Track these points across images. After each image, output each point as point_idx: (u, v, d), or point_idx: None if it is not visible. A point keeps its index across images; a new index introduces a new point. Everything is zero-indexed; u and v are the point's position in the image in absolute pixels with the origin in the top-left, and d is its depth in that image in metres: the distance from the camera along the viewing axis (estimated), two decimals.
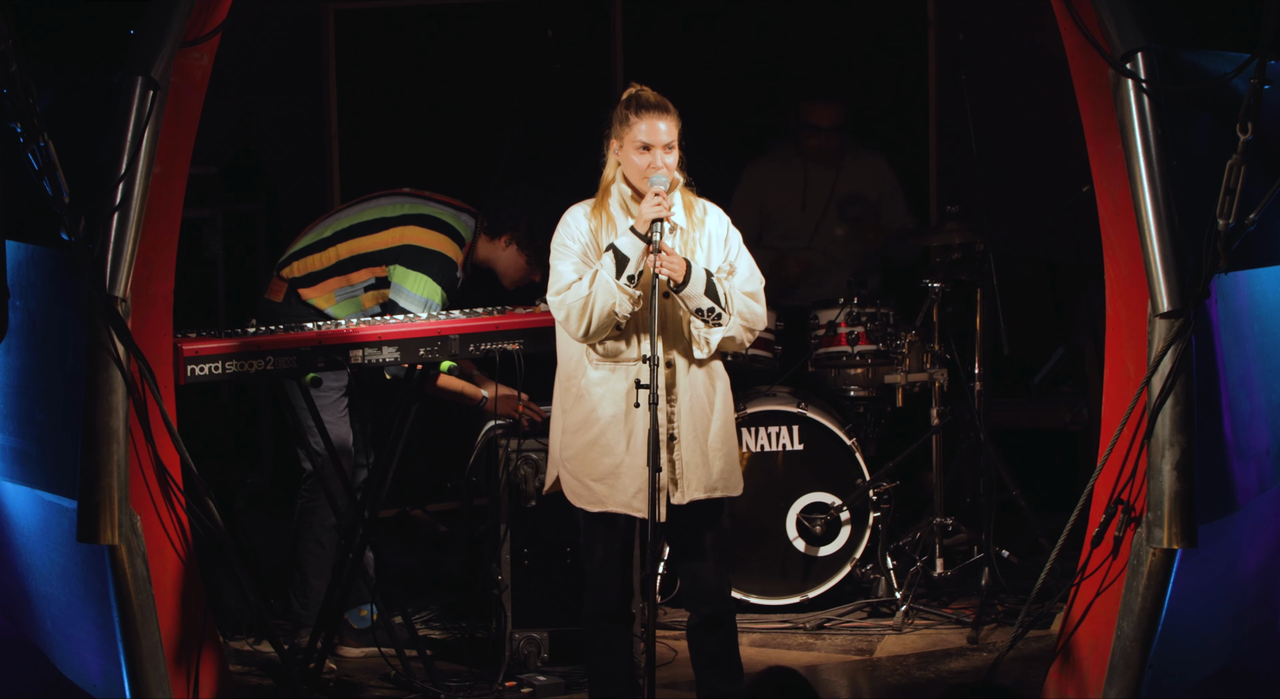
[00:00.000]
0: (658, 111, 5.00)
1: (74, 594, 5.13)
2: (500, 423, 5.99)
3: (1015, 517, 6.68)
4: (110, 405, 4.86)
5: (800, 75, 7.82)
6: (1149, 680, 4.90)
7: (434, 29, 7.51)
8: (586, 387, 5.04)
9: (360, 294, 5.98)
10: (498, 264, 6.08)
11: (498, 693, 5.71)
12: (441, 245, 5.95)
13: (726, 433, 5.08)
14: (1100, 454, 5.08)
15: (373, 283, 5.98)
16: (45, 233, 4.90)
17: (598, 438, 5.02)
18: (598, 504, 5.04)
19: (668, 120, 5.00)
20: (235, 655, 5.93)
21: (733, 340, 5.01)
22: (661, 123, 4.99)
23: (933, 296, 6.56)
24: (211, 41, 5.06)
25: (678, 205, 5.06)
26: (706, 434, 5.05)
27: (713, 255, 5.07)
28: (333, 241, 6.00)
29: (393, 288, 5.93)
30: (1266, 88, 4.65)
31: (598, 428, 5.02)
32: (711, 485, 5.04)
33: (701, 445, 5.04)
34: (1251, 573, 5.24)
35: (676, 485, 5.01)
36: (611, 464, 5.01)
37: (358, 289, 5.98)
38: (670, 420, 5.01)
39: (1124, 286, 5.05)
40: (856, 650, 6.14)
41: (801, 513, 6.46)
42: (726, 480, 5.07)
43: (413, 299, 5.88)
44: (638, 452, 4.97)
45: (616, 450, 5.01)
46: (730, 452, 5.09)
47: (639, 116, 5.01)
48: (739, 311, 4.99)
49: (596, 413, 5.02)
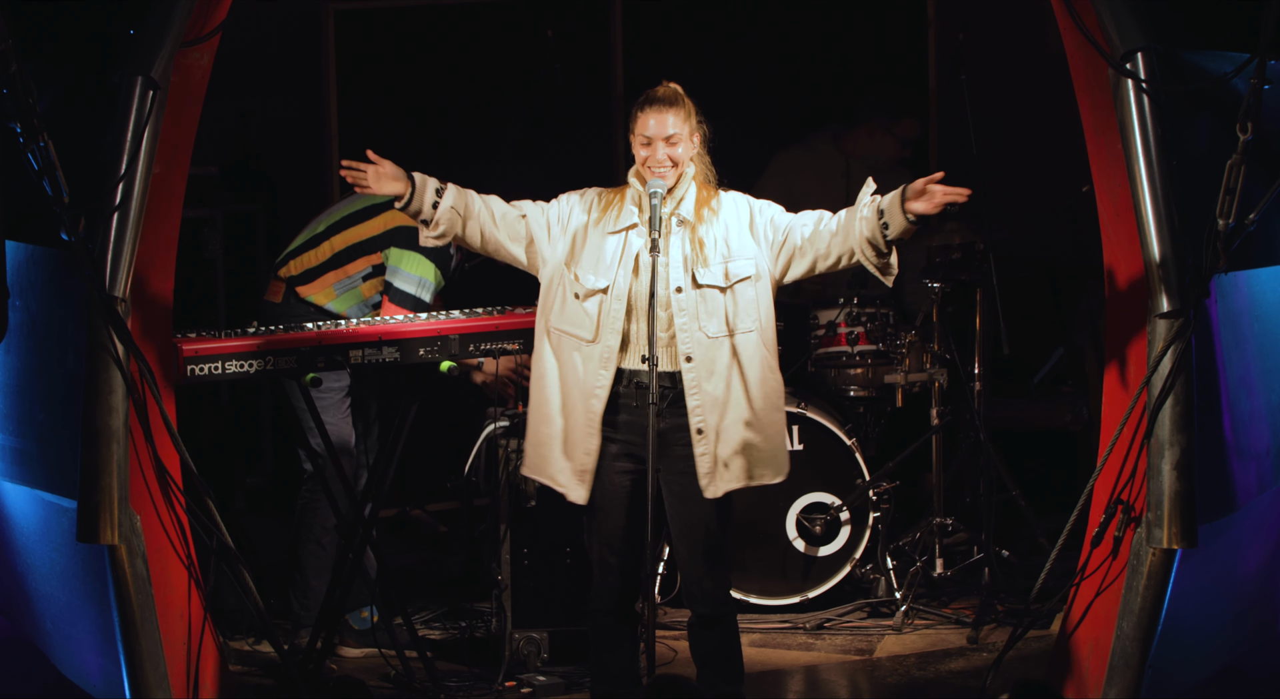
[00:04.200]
0: (660, 105, 5.00)
1: (74, 594, 5.13)
2: (500, 423, 5.98)
3: (1015, 517, 6.68)
4: (110, 405, 4.86)
5: (800, 76, 7.83)
6: (1149, 680, 4.90)
7: (434, 29, 7.51)
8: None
9: (359, 285, 5.98)
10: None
11: (498, 693, 5.71)
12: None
13: (774, 415, 5.04)
14: (1100, 454, 5.07)
15: (370, 272, 5.97)
16: (45, 233, 4.90)
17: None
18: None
19: (671, 113, 5.00)
20: (235, 655, 5.93)
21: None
22: (660, 117, 4.99)
23: (933, 297, 6.56)
24: (211, 41, 5.06)
25: (689, 199, 5.05)
26: (745, 418, 5.01)
27: (732, 245, 5.03)
28: (326, 236, 6.01)
29: (388, 270, 5.92)
30: (1266, 88, 4.64)
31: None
32: (750, 474, 5.02)
33: (735, 434, 5.00)
34: (1251, 573, 5.24)
35: (711, 477, 5.00)
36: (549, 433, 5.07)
37: (355, 280, 5.98)
38: (695, 415, 5.00)
39: (1124, 287, 5.05)
40: (856, 650, 6.14)
41: (801, 513, 6.46)
42: (771, 465, 5.06)
43: (408, 279, 5.87)
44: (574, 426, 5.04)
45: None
46: (779, 432, 5.06)
47: (642, 111, 5.03)
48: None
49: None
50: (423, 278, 5.87)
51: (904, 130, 7.10)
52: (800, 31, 7.84)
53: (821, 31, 7.85)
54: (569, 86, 6.65)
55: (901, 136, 7.11)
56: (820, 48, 7.85)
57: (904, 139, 7.11)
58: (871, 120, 7.10)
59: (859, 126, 7.15)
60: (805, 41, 7.85)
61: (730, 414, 5.00)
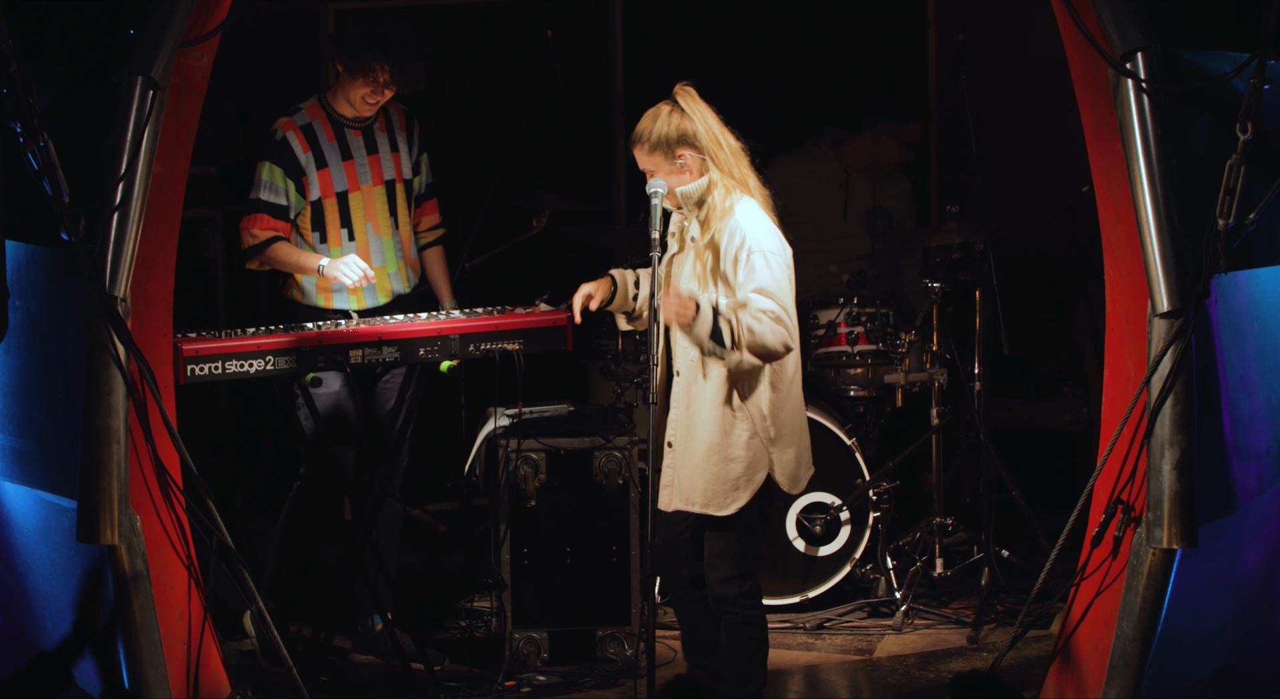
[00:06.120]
0: (632, 143, 5.13)
1: (74, 594, 5.13)
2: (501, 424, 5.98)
3: (1015, 517, 6.69)
4: (110, 405, 4.86)
5: (800, 75, 7.83)
6: (1149, 680, 4.90)
7: (434, 29, 7.51)
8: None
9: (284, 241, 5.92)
10: (350, 92, 5.92)
11: (498, 693, 5.71)
12: (272, 125, 5.94)
13: (720, 455, 5.05)
14: (1100, 454, 5.08)
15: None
16: (45, 233, 4.90)
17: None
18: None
19: (636, 150, 5.11)
20: (235, 655, 5.92)
21: (740, 365, 4.98)
22: (636, 154, 5.12)
23: (933, 297, 6.56)
24: (211, 41, 5.06)
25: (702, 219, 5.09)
26: (698, 450, 5.07)
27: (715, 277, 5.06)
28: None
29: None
30: (1266, 88, 4.64)
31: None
32: (690, 500, 5.08)
33: (690, 460, 5.08)
34: (1251, 573, 5.24)
35: (669, 491, 5.12)
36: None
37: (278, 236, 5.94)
38: (670, 427, 5.11)
39: (1124, 286, 5.05)
40: (856, 650, 6.14)
41: (801, 513, 6.46)
42: (707, 499, 5.07)
43: (258, 187, 5.86)
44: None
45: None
46: (720, 474, 5.06)
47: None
48: (747, 345, 4.91)
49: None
50: (265, 180, 5.86)
51: (909, 134, 7.10)
52: (800, 31, 7.84)
53: (821, 31, 7.85)
54: (569, 86, 6.64)
55: (907, 141, 7.10)
56: (820, 48, 7.85)
57: (909, 143, 7.11)
58: (877, 125, 7.10)
59: (863, 131, 7.14)
60: (805, 42, 7.85)
61: (695, 436, 5.08)
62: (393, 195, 6.00)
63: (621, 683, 5.78)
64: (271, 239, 5.85)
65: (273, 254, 5.87)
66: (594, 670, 5.85)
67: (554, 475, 5.90)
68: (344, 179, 5.93)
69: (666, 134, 5.05)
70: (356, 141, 5.96)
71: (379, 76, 5.80)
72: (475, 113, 7.53)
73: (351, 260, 5.76)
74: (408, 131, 6.07)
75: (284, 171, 5.85)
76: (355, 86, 5.85)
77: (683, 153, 5.06)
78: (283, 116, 5.92)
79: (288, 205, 5.86)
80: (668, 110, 5.09)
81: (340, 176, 5.92)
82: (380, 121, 6.01)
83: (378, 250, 5.97)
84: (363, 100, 5.87)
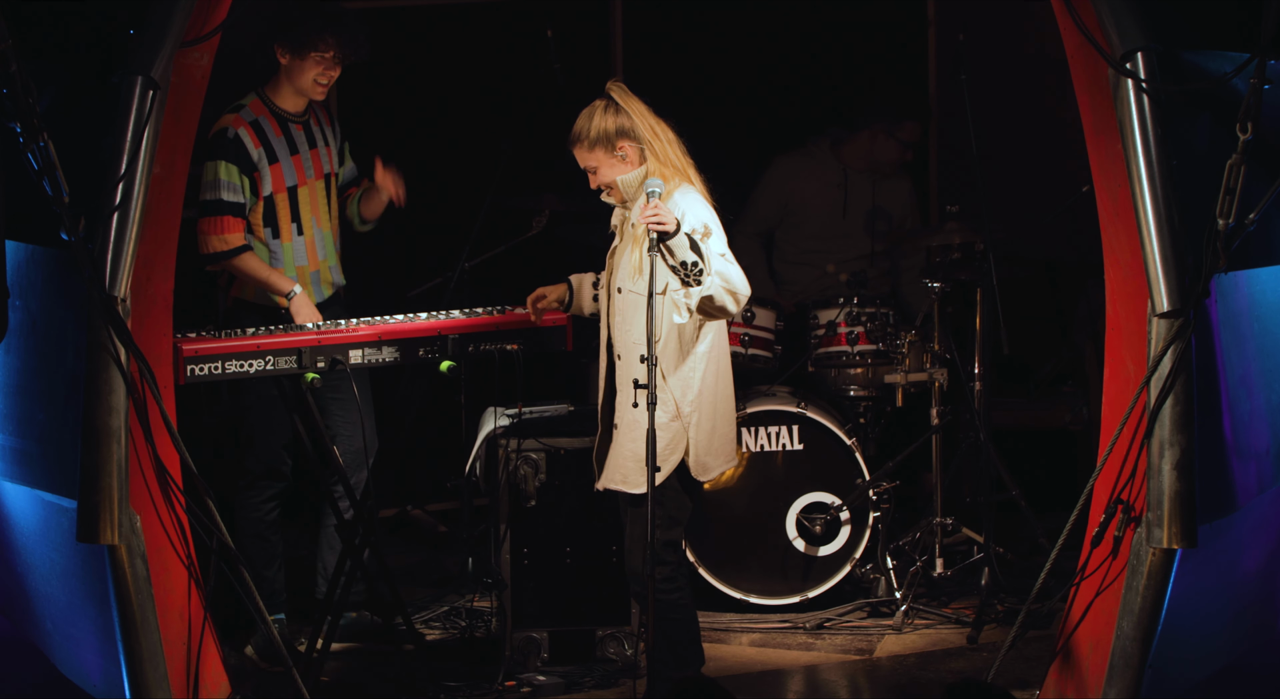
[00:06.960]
0: (571, 144, 5.27)
1: (74, 594, 5.13)
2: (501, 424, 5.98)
3: (1015, 517, 6.68)
4: (110, 405, 4.86)
5: (800, 75, 7.83)
6: (1149, 680, 4.90)
7: (433, 29, 7.51)
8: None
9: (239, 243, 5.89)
10: (300, 78, 5.92)
11: (498, 693, 5.71)
12: (217, 125, 5.90)
13: (637, 433, 5.14)
14: (1100, 454, 5.08)
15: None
16: (45, 233, 4.90)
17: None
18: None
19: (576, 151, 5.25)
20: (235, 655, 5.92)
21: (712, 301, 5.05)
22: (577, 155, 5.25)
23: (933, 297, 6.56)
24: (211, 41, 5.06)
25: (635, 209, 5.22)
26: (626, 430, 5.21)
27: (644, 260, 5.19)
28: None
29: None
30: (1266, 88, 4.64)
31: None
32: (611, 478, 5.26)
33: (620, 439, 5.23)
34: (1251, 573, 5.24)
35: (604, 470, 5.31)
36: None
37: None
38: (617, 411, 5.26)
39: (1124, 286, 5.05)
40: (856, 650, 6.14)
41: (801, 513, 6.46)
42: (625, 474, 5.22)
43: (216, 187, 5.81)
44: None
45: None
46: (636, 451, 5.16)
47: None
48: (718, 271, 5.05)
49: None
50: (222, 180, 5.82)
51: (906, 133, 7.09)
52: (800, 31, 7.84)
53: (821, 31, 7.85)
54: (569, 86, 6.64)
55: (904, 140, 7.10)
56: (820, 48, 7.86)
57: (906, 142, 7.11)
58: (874, 124, 7.09)
59: (860, 131, 7.13)
60: (805, 41, 7.85)
61: (625, 417, 5.22)
62: (330, 189, 6.08)
63: (621, 683, 5.78)
64: (242, 248, 5.84)
65: (240, 263, 5.86)
66: (594, 670, 5.85)
67: (554, 475, 5.90)
68: (294, 174, 5.95)
69: (606, 129, 5.19)
70: (300, 136, 5.98)
71: (327, 50, 5.83)
72: (475, 113, 7.52)
73: (311, 310, 5.82)
74: (333, 124, 6.13)
75: (239, 169, 5.85)
76: (306, 69, 5.87)
77: (623, 145, 5.20)
78: (228, 114, 5.91)
79: (245, 203, 5.87)
80: (603, 106, 5.23)
81: (290, 171, 5.94)
82: (313, 116, 6.05)
83: (320, 243, 6.01)
84: (314, 82, 5.89)
